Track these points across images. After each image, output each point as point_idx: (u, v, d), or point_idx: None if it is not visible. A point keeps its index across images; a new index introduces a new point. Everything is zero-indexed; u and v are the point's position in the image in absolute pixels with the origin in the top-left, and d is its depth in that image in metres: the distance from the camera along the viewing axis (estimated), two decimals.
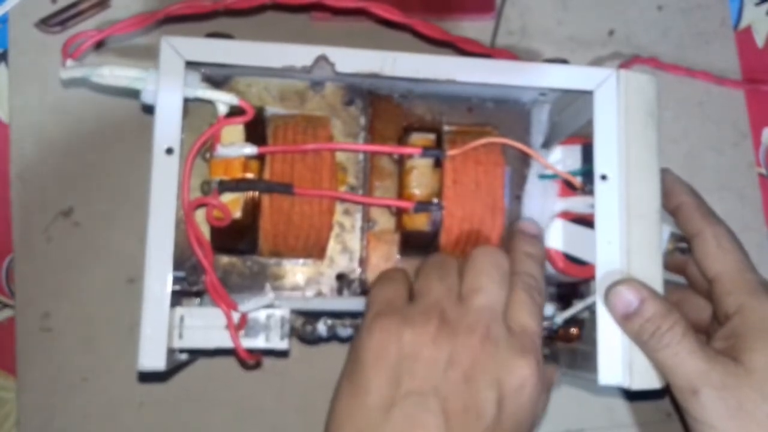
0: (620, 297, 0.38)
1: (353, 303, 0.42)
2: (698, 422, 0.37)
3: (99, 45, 0.49)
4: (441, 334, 0.37)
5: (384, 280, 0.41)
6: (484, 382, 0.36)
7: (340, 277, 0.43)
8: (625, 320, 0.38)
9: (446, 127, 0.44)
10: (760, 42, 0.58)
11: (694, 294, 0.45)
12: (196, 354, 0.45)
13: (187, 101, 0.39)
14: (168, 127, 0.38)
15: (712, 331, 0.41)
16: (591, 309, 0.40)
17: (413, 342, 0.36)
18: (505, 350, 0.37)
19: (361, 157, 0.44)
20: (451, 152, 0.41)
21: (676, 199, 0.43)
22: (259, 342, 0.39)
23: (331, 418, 0.37)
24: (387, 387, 0.36)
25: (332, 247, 0.43)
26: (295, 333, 0.41)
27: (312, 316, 0.41)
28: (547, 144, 0.45)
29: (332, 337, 0.42)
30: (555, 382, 0.42)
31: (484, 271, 0.39)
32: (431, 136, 0.43)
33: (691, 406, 0.37)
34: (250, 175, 0.40)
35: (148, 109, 0.39)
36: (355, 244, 0.43)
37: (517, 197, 0.44)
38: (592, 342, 0.39)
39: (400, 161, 0.43)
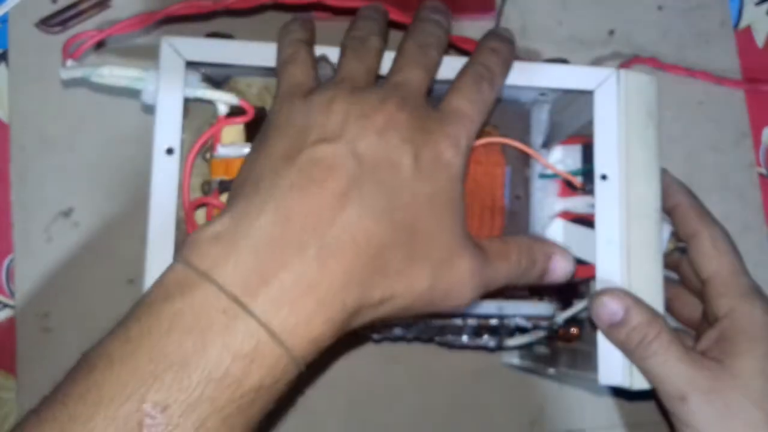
0: (605, 307, 0.38)
1: None
2: (688, 427, 0.37)
3: (99, 45, 0.49)
4: (353, 94, 0.34)
5: (292, 62, 0.38)
6: (398, 139, 0.33)
7: None
8: (611, 330, 0.38)
9: None
10: (760, 42, 0.58)
11: (686, 291, 0.45)
12: None
13: (187, 101, 0.39)
14: (168, 127, 0.38)
15: (702, 330, 0.41)
16: None
17: (320, 103, 0.34)
18: (424, 120, 0.35)
19: None
20: None
21: (672, 200, 0.43)
22: None
23: (234, 179, 0.35)
24: (294, 139, 0.33)
25: None
26: None
27: None
28: (547, 144, 0.45)
29: None
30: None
31: (414, 55, 0.37)
32: None
33: (680, 412, 0.37)
34: None
35: (149, 109, 0.39)
36: None
37: (517, 197, 0.44)
38: (592, 342, 0.39)
39: None
